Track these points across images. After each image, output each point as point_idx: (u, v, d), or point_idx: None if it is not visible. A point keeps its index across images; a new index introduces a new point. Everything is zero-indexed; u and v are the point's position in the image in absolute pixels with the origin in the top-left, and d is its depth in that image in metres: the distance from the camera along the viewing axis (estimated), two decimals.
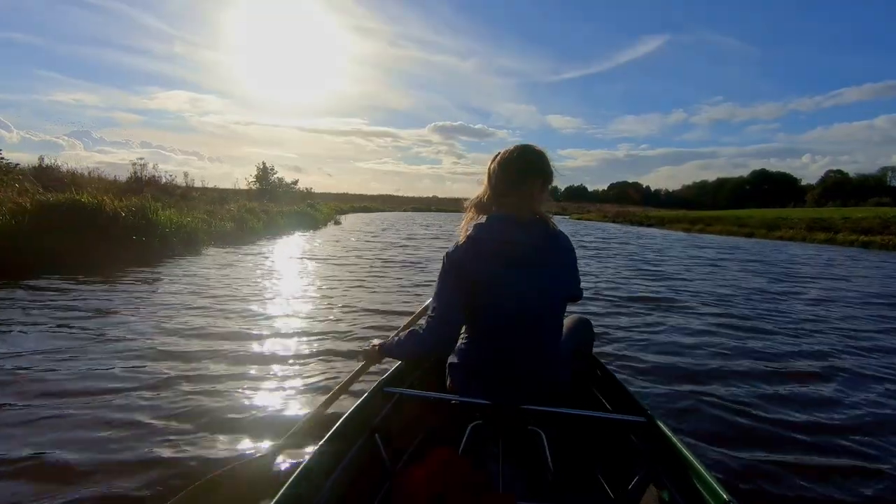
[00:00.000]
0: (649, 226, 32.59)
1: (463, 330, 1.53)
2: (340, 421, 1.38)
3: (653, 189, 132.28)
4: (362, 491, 1.36)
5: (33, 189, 7.64)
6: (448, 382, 1.56)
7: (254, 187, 25.43)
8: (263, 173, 26.09)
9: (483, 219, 1.47)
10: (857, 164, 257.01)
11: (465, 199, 1.55)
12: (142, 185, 14.52)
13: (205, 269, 6.41)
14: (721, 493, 1.09)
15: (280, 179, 27.18)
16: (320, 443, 1.27)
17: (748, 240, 19.33)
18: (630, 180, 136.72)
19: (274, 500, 1.02)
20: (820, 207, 43.28)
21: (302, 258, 7.95)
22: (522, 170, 1.46)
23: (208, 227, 9.81)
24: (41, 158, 14.72)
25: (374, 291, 5.43)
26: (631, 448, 1.52)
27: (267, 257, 7.89)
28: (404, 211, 53.24)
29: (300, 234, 13.08)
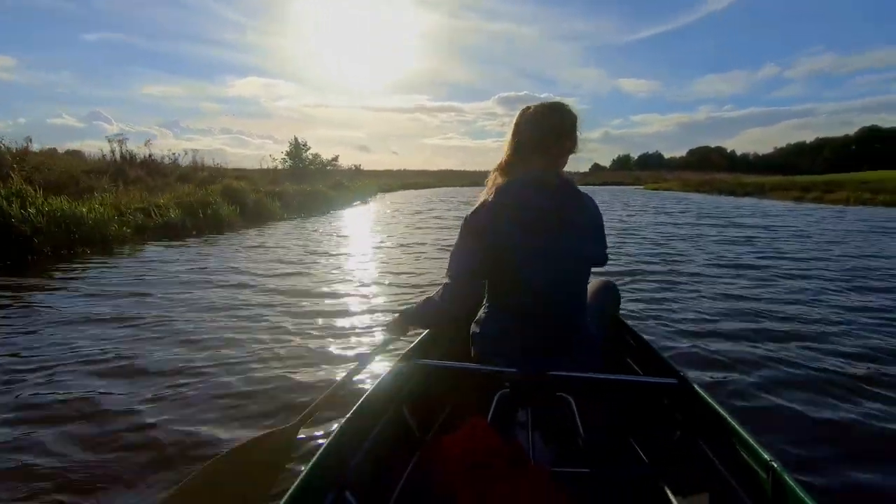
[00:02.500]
0: (745, 195, 27.09)
1: (486, 298, 1.50)
2: (367, 394, 1.33)
3: (738, 153, 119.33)
4: (392, 462, 1.34)
5: None
6: (473, 352, 1.52)
7: (285, 166, 23.29)
8: (295, 150, 23.85)
9: (505, 182, 1.39)
10: None
11: None
12: (121, 166, 12.47)
13: None
14: (762, 453, 1.01)
15: (315, 156, 24.91)
16: (347, 416, 1.21)
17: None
18: (711, 145, 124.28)
19: (303, 475, 0.97)
20: None
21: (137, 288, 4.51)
22: (557, 129, 1.37)
23: (144, 220, 7.27)
24: (29, 139, 13.09)
25: None
26: (664, 412, 1.47)
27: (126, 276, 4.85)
28: (462, 186, 49.62)
29: (290, 222, 10.27)
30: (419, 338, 1.73)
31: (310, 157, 24.50)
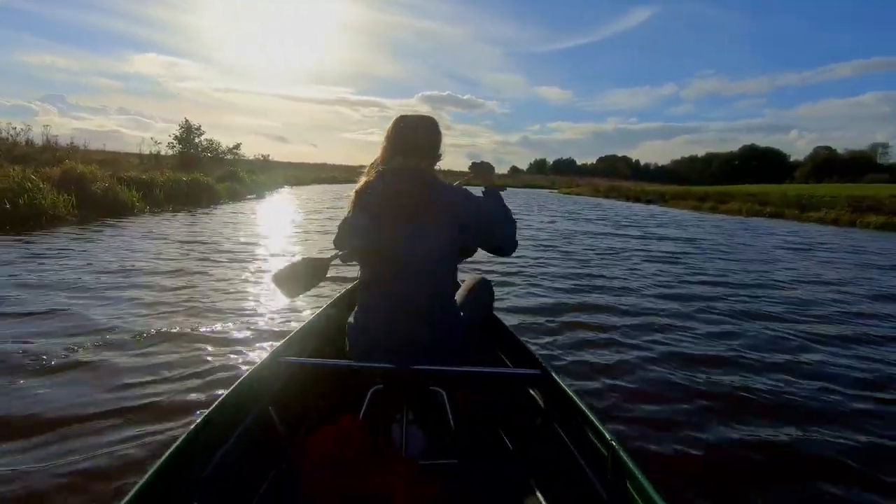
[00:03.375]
0: (648, 202, 28.41)
1: (359, 295, 1.51)
2: (230, 391, 1.23)
3: (642, 163, 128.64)
4: (257, 463, 1.28)
5: None
6: (348, 346, 1.50)
7: (173, 151, 20.33)
8: (186, 134, 20.96)
9: (380, 170, 1.45)
10: (844, 140, 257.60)
11: (450, 171, 1.61)
12: None
13: None
14: (605, 434, 1.11)
15: (210, 142, 22.12)
16: (206, 412, 1.12)
17: (787, 223, 15.19)
18: (618, 154, 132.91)
19: (142, 482, 0.88)
20: (817, 184, 40.64)
21: None
22: (422, 136, 1.47)
23: None
24: None
25: None
26: (529, 401, 1.54)
27: None
28: None
29: (150, 217, 8.38)
30: (291, 334, 1.67)
31: (204, 142, 21.67)
